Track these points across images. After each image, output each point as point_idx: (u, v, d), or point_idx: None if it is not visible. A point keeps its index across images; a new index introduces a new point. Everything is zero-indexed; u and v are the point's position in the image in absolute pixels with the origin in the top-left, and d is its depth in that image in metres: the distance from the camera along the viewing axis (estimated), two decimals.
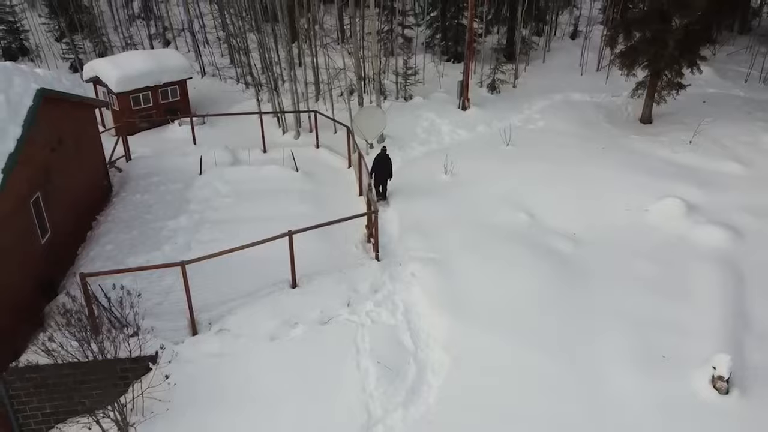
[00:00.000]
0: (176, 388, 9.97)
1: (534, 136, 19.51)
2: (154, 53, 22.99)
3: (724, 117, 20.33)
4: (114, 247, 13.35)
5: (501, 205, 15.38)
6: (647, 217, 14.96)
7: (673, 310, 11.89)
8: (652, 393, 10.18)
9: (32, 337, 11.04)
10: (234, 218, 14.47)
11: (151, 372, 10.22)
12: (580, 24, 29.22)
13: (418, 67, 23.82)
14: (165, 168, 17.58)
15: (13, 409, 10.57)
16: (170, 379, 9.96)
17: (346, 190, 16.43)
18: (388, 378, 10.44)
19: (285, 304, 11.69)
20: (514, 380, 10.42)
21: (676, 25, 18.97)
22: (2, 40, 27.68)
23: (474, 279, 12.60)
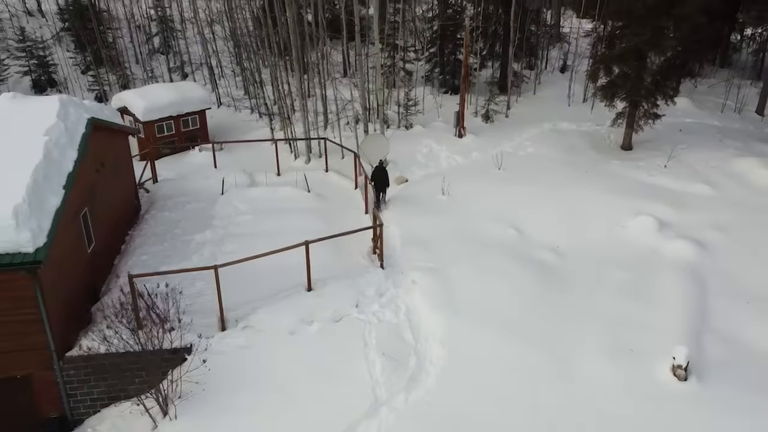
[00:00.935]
0: (210, 373, 11.53)
1: (524, 161, 21.32)
2: (177, 86, 25.03)
3: (697, 144, 22.18)
4: (149, 258, 15.03)
5: (492, 222, 17.08)
6: (623, 232, 16.65)
7: (641, 311, 13.50)
8: (620, 380, 11.75)
9: (82, 333, 12.65)
10: (253, 233, 16.12)
11: (189, 359, 11.81)
12: (569, 58, 31.39)
13: (418, 98, 25.80)
14: (189, 189, 19.39)
15: (66, 393, 12.15)
16: (207, 362, 11.50)
17: (353, 209, 18.16)
18: (392, 367, 12.02)
19: (301, 304, 13.34)
20: (500, 370, 11.98)
21: (650, 63, 21.01)
22: (33, 73, 29.79)
23: (467, 285, 14.23)
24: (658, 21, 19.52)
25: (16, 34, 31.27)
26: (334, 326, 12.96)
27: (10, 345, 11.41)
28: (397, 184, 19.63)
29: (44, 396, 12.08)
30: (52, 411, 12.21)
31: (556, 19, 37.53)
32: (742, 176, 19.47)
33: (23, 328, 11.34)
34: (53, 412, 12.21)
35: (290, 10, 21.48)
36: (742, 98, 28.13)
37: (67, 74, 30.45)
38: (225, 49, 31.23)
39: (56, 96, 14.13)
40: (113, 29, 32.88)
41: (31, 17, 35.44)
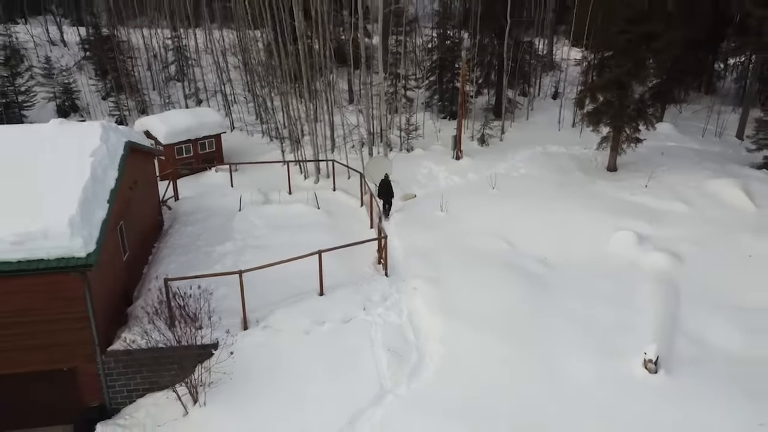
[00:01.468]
0: (235, 366, 13.01)
1: (516, 181, 23.00)
2: (194, 111, 26.86)
3: (677, 166, 23.89)
4: (176, 266, 16.57)
5: (486, 236, 18.67)
6: (605, 246, 18.19)
7: (619, 315, 15.01)
8: (598, 373, 13.22)
9: (119, 331, 14.16)
10: (269, 245, 17.66)
11: (216, 354, 13.30)
12: (561, 86, 33.33)
13: (418, 123, 27.62)
14: (208, 206, 21.03)
15: (106, 384, 13.62)
16: (232, 356, 13.00)
17: (359, 224, 19.77)
18: (396, 361, 13.51)
19: (314, 307, 14.88)
20: (492, 365, 13.45)
21: (632, 91, 22.83)
22: (57, 99, 31.70)
23: (463, 292, 15.74)
24: (637, 54, 21.39)
25: (40, 62, 33.33)
26: (343, 326, 14.47)
27: (60, 340, 12.92)
28: (406, 200, 21.35)
29: (87, 386, 13.55)
30: (93, 400, 13.65)
31: (549, 48, 39.67)
32: (717, 196, 21.11)
33: (73, 325, 12.86)
34: (94, 401, 13.65)
35: (302, 42, 23.39)
36: (723, 123, 29.99)
37: (89, 100, 32.35)
38: (238, 77, 33.21)
39: (98, 122, 15.85)
40: (132, 58, 34.90)
41: (54, 47, 37.55)
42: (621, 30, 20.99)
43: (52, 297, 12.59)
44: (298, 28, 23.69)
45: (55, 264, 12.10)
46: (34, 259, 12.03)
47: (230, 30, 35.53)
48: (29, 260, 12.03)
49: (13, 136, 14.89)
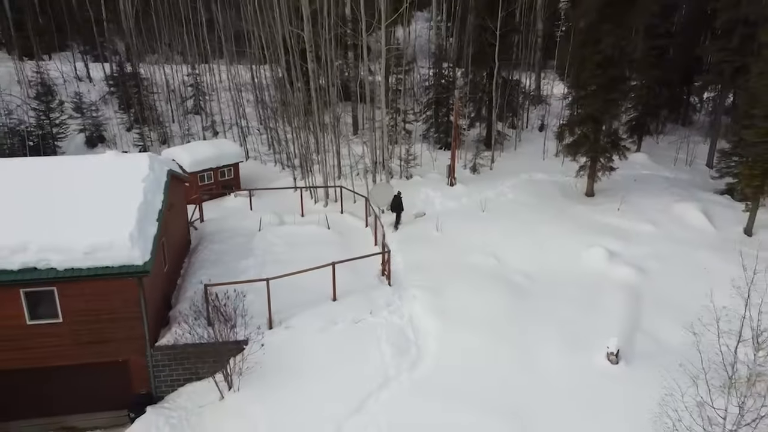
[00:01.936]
0: (264, 358, 15.46)
1: (504, 205, 25.62)
2: (215, 142, 29.65)
3: (647, 191, 26.63)
4: (206, 278, 19.03)
5: (477, 253, 21.22)
6: (579, 260, 20.78)
7: (589, 317, 17.53)
8: (568, 364, 15.68)
9: (163, 331, 16.61)
10: (287, 260, 20.11)
11: (247, 348, 15.75)
12: (546, 119, 36.30)
13: (416, 153, 30.39)
14: (231, 227, 23.61)
15: (153, 375, 16.03)
16: (260, 351, 15.45)
17: (365, 242, 22.31)
18: (399, 355, 15.97)
19: (329, 310, 17.38)
20: (479, 357, 15.91)
21: (606, 126, 25.71)
22: (86, 130, 34.51)
23: (456, 299, 18.23)
24: (608, 95, 24.30)
25: (69, 96, 36.25)
26: (354, 326, 16.95)
27: (117, 335, 15.38)
28: (417, 217, 24.27)
29: (137, 376, 15.95)
30: (142, 388, 16.02)
31: (537, 84, 42.81)
32: (681, 218, 23.79)
33: (129, 323, 15.34)
34: (143, 389, 16.02)
35: (313, 82, 26.34)
36: (693, 153, 32.87)
37: (116, 132, 35.17)
38: (252, 110, 36.17)
39: (146, 153, 18.58)
40: (153, 93, 37.87)
41: (81, 82, 40.55)
42: (592, 74, 23.93)
43: (113, 298, 15.10)
44: (311, 69, 26.66)
45: (118, 270, 14.67)
46: (101, 266, 14.59)
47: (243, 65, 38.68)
48: (97, 267, 14.59)
49: (77, 165, 17.59)
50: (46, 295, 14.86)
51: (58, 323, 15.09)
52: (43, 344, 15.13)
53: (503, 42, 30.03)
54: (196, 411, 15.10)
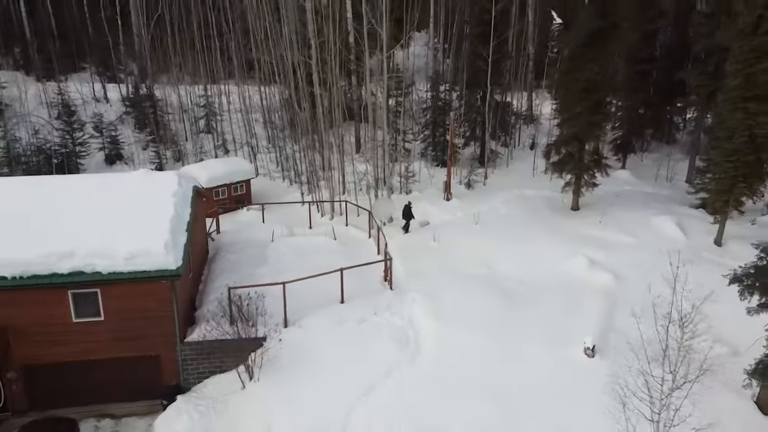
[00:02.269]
0: (281, 352, 17.45)
1: (496, 218, 27.70)
2: (228, 160, 31.85)
3: (628, 206, 28.74)
4: (226, 283, 21.09)
5: (470, 261, 23.28)
6: (563, 268, 22.82)
7: (569, 317, 19.53)
8: (550, 358, 17.67)
9: (189, 329, 18.59)
10: (298, 267, 22.07)
11: (265, 344, 17.72)
12: (537, 137, 38.57)
13: (415, 170, 32.56)
14: (245, 238, 25.66)
15: (182, 368, 17.99)
16: (278, 346, 17.44)
17: (368, 251, 24.34)
18: (400, 351, 17.95)
19: (337, 311, 19.40)
20: (471, 352, 17.89)
21: (589, 146, 27.93)
22: (105, 149, 36.70)
23: (450, 302, 20.22)
24: (591, 117, 26.54)
25: (89, 117, 38.47)
26: (359, 325, 18.95)
27: (151, 332, 17.36)
28: (422, 225, 26.59)
29: (168, 369, 17.90)
30: (171, 380, 17.95)
31: (529, 104, 45.17)
32: (657, 229, 25.88)
33: (162, 321, 17.34)
34: (172, 380, 17.95)
35: (320, 106, 28.61)
36: (673, 169, 35.07)
37: (133, 150, 37.36)
38: (261, 130, 38.48)
39: (174, 171, 20.72)
40: (167, 114, 40.13)
41: (98, 103, 42.84)
42: (576, 98, 26.20)
43: (148, 299, 17.09)
44: (316, 94, 28.96)
45: (154, 274, 16.71)
46: (140, 270, 16.63)
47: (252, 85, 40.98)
48: (136, 271, 16.62)
49: (115, 181, 19.75)
50: (90, 296, 16.87)
51: (100, 321, 17.09)
52: (87, 339, 17.10)
53: (495, 67, 32.40)
54: (221, 399, 17.02)
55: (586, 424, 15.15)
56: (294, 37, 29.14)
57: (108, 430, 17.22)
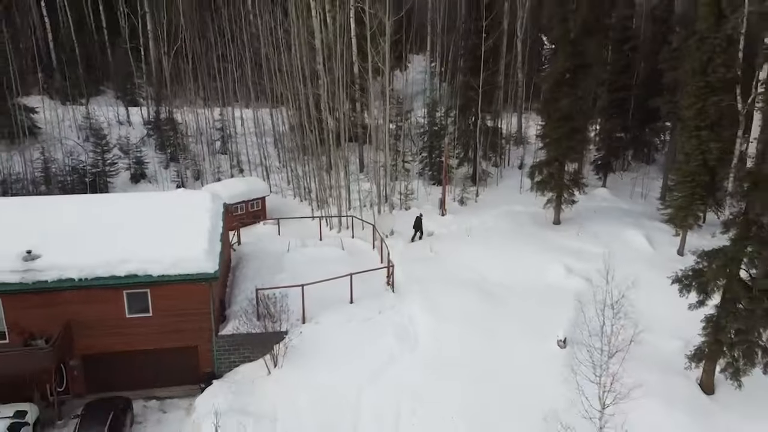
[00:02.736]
0: (300, 344, 20.51)
1: (486, 231, 30.86)
2: (246, 179, 35.05)
3: (604, 220, 31.92)
4: (251, 287, 24.16)
5: (462, 268, 26.37)
6: (543, 274, 25.94)
7: (546, 315, 22.59)
8: (528, 348, 20.72)
9: (222, 325, 21.62)
10: (311, 273, 25.08)
11: (287, 337, 20.76)
12: (525, 158, 41.89)
13: (413, 188, 35.79)
14: (264, 249, 28.75)
15: (216, 358, 21.01)
16: (298, 338, 20.50)
17: (373, 260, 27.41)
18: (401, 342, 21.00)
19: (347, 310, 22.48)
20: (461, 344, 20.93)
21: (567, 168, 31.21)
22: (131, 168, 39.90)
23: (444, 302, 23.29)
24: (568, 143, 29.85)
25: (115, 139, 41.73)
26: (366, 322, 22.01)
27: (191, 326, 20.40)
28: (429, 235, 29.88)
29: (204, 359, 20.91)
30: (207, 368, 20.95)
31: (519, 126, 48.60)
32: (627, 241, 29.06)
33: (200, 317, 20.39)
34: (208, 368, 20.96)
35: (330, 134, 31.93)
36: (648, 187, 38.34)
37: (155, 169, 40.58)
38: (273, 151, 41.84)
39: (205, 190, 23.91)
40: (186, 136, 43.42)
41: (122, 125, 46.17)
42: (555, 125, 29.55)
43: (189, 298, 20.18)
44: (325, 120, 32.31)
45: (195, 277, 19.82)
46: (184, 273, 19.75)
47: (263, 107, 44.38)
48: (181, 274, 19.74)
49: (157, 199, 22.96)
50: (141, 295, 19.96)
51: (148, 317, 20.16)
52: (137, 332, 20.15)
53: (486, 96, 35.82)
54: (249, 382, 20.05)
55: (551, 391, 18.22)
56: (305, 71, 32.54)
57: (155, 408, 20.16)
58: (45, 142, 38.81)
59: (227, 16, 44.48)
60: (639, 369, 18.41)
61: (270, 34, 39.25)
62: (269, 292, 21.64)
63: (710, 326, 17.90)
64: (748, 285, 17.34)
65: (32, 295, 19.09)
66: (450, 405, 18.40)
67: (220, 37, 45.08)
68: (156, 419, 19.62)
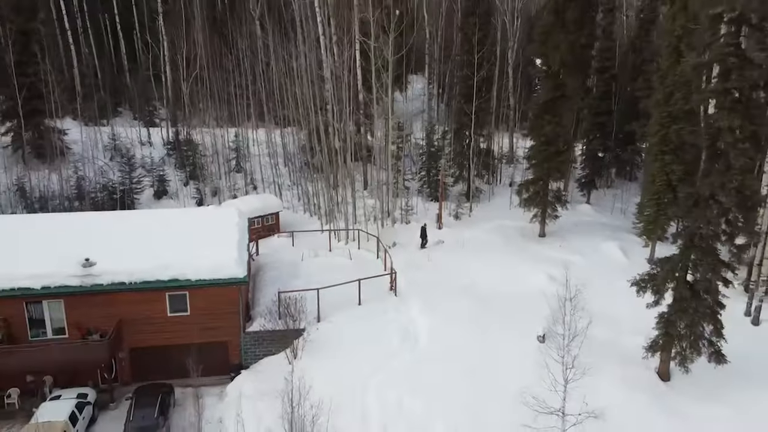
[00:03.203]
0: (316, 339, 23.69)
1: (478, 243, 34.09)
2: (261, 196, 38.39)
3: (585, 233, 35.25)
4: (271, 292, 27.36)
5: (457, 276, 29.59)
6: (528, 281, 29.16)
7: (529, 315, 25.73)
8: (512, 343, 23.89)
9: (248, 323, 24.80)
10: (324, 280, 28.28)
11: (305, 333, 23.94)
12: (515, 175, 45.32)
13: (413, 204, 39.15)
14: (279, 259, 31.98)
15: (243, 351, 24.14)
16: (314, 334, 23.69)
17: (377, 268, 30.60)
18: (403, 340, 24.18)
19: (356, 311, 25.67)
20: (456, 339, 24.09)
21: (551, 186, 34.60)
22: (154, 186, 43.24)
23: (441, 305, 26.46)
24: (550, 165, 33.28)
25: (140, 159, 45.14)
26: (372, 321, 25.19)
27: (223, 324, 23.56)
28: (437, 243, 33.17)
29: (233, 352, 24.04)
30: (236, 360, 24.10)
31: (510, 146, 52.10)
32: (604, 252, 32.38)
33: (230, 316, 23.55)
34: (236, 361, 24.12)
35: (340, 156, 35.36)
36: (627, 202, 41.67)
37: (176, 186, 43.92)
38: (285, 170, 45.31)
39: (233, 207, 27.23)
40: (204, 156, 46.82)
41: (143, 146, 49.62)
42: (539, 149, 33.00)
43: (222, 299, 23.38)
44: (333, 144, 35.75)
45: (228, 281, 23.06)
46: (218, 278, 22.99)
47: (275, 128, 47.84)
48: (216, 279, 22.98)
49: (192, 214, 26.31)
50: (181, 296, 23.17)
51: (186, 315, 23.35)
52: (177, 329, 23.30)
53: (478, 120, 39.32)
54: (272, 372, 23.19)
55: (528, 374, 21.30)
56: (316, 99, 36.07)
57: (191, 395, 23.23)
58: (78, 162, 42.15)
59: (243, 48, 48.21)
60: (606, 361, 21.68)
61: (283, 63, 42.89)
62: (289, 294, 24.84)
63: (663, 322, 21.13)
64: (693, 286, 20.60)
65: (89, 297, 22.29)
66: (445, 389, 21.52)
67: (236, 66, 48.70)
68: (193, 403, 22.70)
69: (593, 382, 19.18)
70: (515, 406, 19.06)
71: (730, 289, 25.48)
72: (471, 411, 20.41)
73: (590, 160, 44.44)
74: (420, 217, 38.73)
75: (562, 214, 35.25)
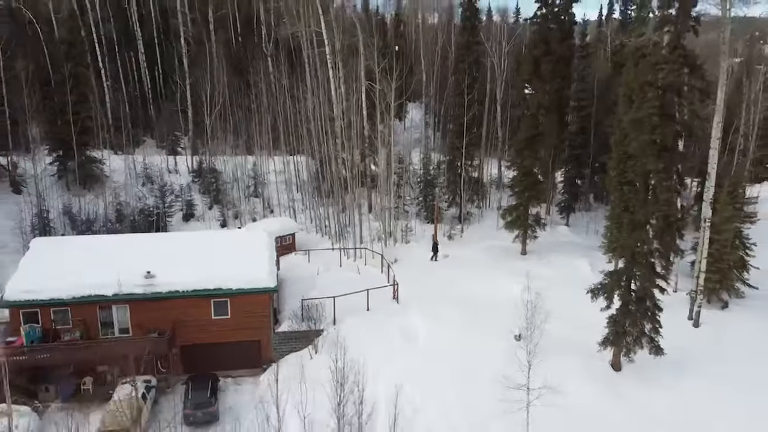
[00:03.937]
0: (333, 337, 28.61)
1: (467, 260, 39.11)
2: (280, 219, 43.54)
3: (560, 252, 40.35)
4: (294, 300, 32.32)
5: (449, 286, 34.59)
6: (510, 291, 34.08)
7: (508, 320, 30.72)
8: (496, 343, 28.82)
9: (276, 325, 29.73)
10: (336, 291, 33.22)
11: (323, 333, 28.89)
12: (503, 199, 50.59)
13: (412, 226, 44.32)
14: (298, 273, 36.96)
15: (273, 348, 29.09)
16: (332, 334, 28.65)
17: (382, 281, 35.62)
18: (405, 339, 29.14)
19: (365, 315, 30.58)
20: (449, 338, 29.03)
21: (530, 211, 39.84)
22: (183, 209, 48.37)
23: (437, 311, 31.39)
24: (529, 192, 38.55)
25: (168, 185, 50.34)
26: (379, 324, 30.14)
27: (257, 325, 28.49)
28: (445, 257, 38.12)
29: (265, 349, 28.91)
30: (267, 355, 29.00)
31: (499, 173, 57.48)
32: (575, 267, 37.45)
33: (263, 319, 28.47)
34: (267, 355, 28.99)
35: (349, 184, 40.66)
36: (601, 224, 46.76)
37: (202, 210, 49.08)
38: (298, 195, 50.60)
39: (263, 229, 32.40)
40: (226, 183, 52.08)
41: (170, 174, 54.91)
42: (519, 179, 38.31)
43: (256, 305, 28.36)
44: (342, 172, 41.04)
45: (262, 290, 28.10)
46: (253, 287, 28.01)
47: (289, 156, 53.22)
48: (251, 288, 27.99)
49: (228, 235, 31.46)
50: (223, 303, 28.12)
51: (227, 318, 28.30)
52: (219, 329, 28.20)
53: (469, 152, 44.73)
54: (297, 364, 28.09)
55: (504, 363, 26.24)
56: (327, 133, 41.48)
57: (230, 384, 28.14)
58: (117, 188, 47.37)
59: (259, 84, 53.86)
60: (567, 353, 26.66)
61: (297, 102, 48.51)
62: (310, 302, 29.87)
63: (611, 321, 26.17)
64: (635, 293, 25.70)
65: (150, 303, 27.26)
66: (438, 377, 26.42)
67: (254, 102, 54.33)
68: (233, 390, 27.60)
69: (557, 369, 24.13)
70: (493, 386, 23.97)
71: (677, 296, 30.92)
72: (458, 391, 25.32)
73: (569, 186, 49.75)
74: (418, 237, 43.95)
75: (540, 235, 40.43)
